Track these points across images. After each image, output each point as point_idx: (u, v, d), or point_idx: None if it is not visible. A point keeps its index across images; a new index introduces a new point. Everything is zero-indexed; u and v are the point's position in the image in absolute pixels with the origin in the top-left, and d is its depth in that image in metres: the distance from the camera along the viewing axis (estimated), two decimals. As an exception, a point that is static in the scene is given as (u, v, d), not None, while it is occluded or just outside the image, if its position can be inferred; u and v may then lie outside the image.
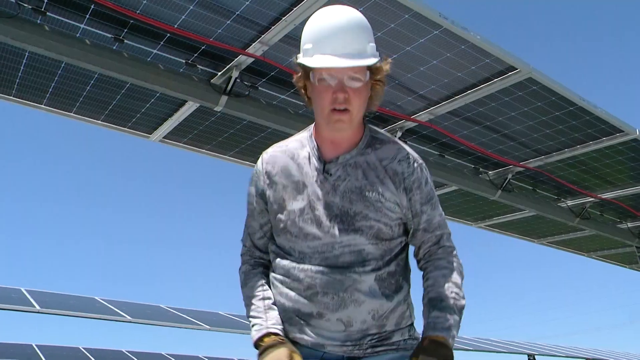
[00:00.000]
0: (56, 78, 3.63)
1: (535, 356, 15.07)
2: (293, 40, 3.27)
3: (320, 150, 1.78)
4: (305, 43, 1.68)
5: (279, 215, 1.77)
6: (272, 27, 3.18)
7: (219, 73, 3.59)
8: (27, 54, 3.35)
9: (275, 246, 1.83)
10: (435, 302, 1.70)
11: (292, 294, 1.75)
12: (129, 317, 7.66)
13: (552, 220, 6.28)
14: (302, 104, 3.94)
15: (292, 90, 3.79)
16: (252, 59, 3.43)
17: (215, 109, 3.61)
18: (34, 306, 7.32)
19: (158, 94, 3.83)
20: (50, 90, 3.75)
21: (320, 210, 1.74)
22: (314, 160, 1.77)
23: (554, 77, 3.73)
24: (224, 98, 3.55)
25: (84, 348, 16.01)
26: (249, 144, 4.54)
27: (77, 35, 3.21)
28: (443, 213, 1.88)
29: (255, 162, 5.05)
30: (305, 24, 1.69)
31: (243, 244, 1.97)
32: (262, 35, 3.25)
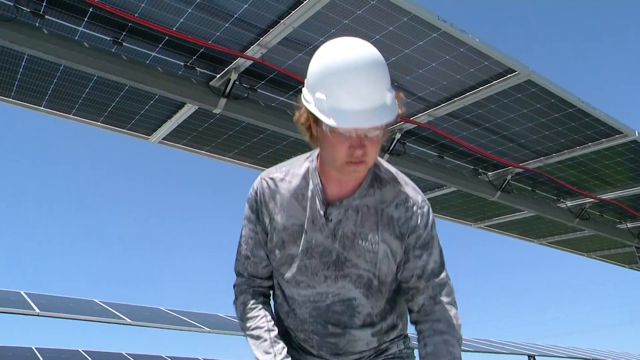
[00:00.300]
0: (55, 80, 3.63)
1: (535, 357, 15.07)
2: (292, 42, 3.27)
3: (324, 189, 1.66)
4: (316, 90, 1.46)
5: (275, 255, 1.73)
6: (271, 30, 3.17)
7: (218, 75, 3.59)
8: (25, 56, 3.35)
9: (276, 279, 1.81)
10: None
11: (291, 333, 1.84)
12: (128, 320, 7.66)
13: (551, 220, 6.29)
14: (301, 106, 3.94)
15: (290, 93, 3.79)
16: (251, 62, 3.43)
17: (214, 111, 3.62)
18: (33, 309, 7.31)
19: (157, 96, 3.83)
20: (50, 92, 3.75)
21: (317, 258, 1.69)
22: (317, 202, 1.66)
23: (552, 79, 3.73)
24: (223, 100, 3.55)
25: (83, 351, 16.00)
26: (248, 145, 4.54)
27: (76, 38, 3.21)
28: (443, 263, 1.72)
29: (254, 164, 5.00)
30: (303, 25, 1.57)
31: (238, 273, 1.83)
32: (261, 38, 3.24)
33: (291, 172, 1.72)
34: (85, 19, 3.08)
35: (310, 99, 1.49)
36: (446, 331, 1.64)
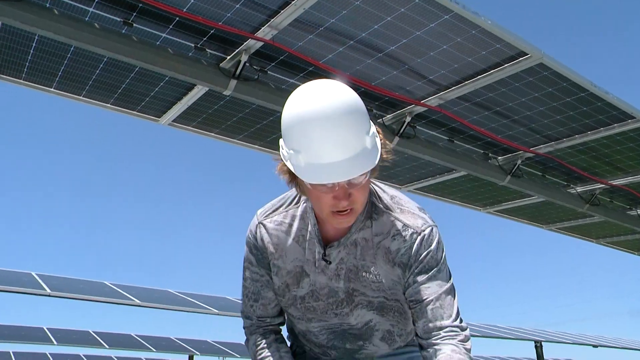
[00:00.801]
0: (65, 61, 3.63)
1: (542, 342, 15.09)
2: (302, 24, 3.25)
3: (320, 230, 1.61)
4: (291, 144, 1.36)
5: (282, 297, 1.71)
6: (282, 11, 3.16)
7: (228, 57, 3.58)
8: (36, 37, 3.35)
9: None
10: None
11: (306, 346, 1.88)
12: (137, 301, 7.73)
13: (561, 206, 6.26)
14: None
15: (301, 75, 3.78)
16: (262, 43, 3.41)
17: (224, 92, 3.61)
18: (44, 289, 7.39)
19: (167, 78, 3.83)
20: (60, 73, 3.75)
21: (323, 299, 1.66)
22: (316, 244, 1.61)
23: (565, 63, 3.70)
24: (233, 82, 3.55)
25: (93, 332, 16.19)
26: (258, 127, 4.53)
27: (86, 18, 3.20)
28: (450, 289, 1.60)
29: (263, 147, 5.00)
30: (314, 6, 1.50)
31: (247, 316, 1.78)
32: (272, 19, 3.23)
33: (290, 213, 1.65)
34: (96, 0, 3.07)
35: (286, 154, 1.40)
36: (449, 355, 1.53)
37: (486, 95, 3.99)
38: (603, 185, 5.73)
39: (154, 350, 14.97)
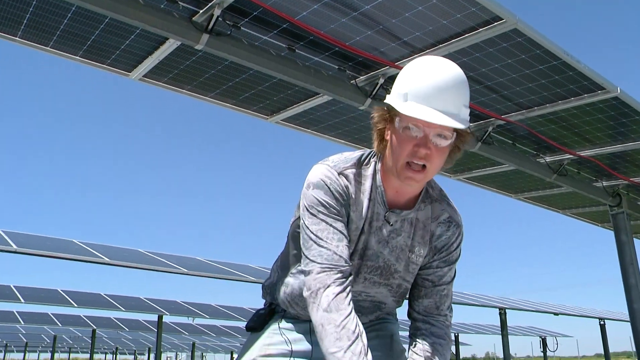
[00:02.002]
0: (31, 9, 3.52)
1: (506, 310, 15.49)
2: (277, -22, 3.19)
3: (385, 194, 1.74)
4: (401, 87, 1.60)
5: None
6: (256, -36, 3.09)
7: (201, 11, 3.50)
8: (0, -19, 3.23)
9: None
10: None
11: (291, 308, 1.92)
12: (106, 259, 7.70)
13: (530, 175, 6.36)
14: (284, 45, 3.88)
15: (274, 32, 3.73)
16: (235, -3, 3.35)
17: (196, 47, 3.54)
18: (11, 245, 7.30)
19: (138, 30, 3.75)
20: (25, 22, 3.64)
21: (363, 259, 1.76)
22: (380, 206, 1.73)
23: (539, 30, 3.70)
24: (205, 36, 3.48)
25: (62, 290, 16.13)
26: (230, 85, 4.48)
27: (54, -37, 3.09)
28: (454, 280, 1.88)
29: (235, 105, 4.97)
30: None
31: (321, 268, 1.62)
32: (246, -28, 3.16)
33: (361, 172, 1.75)
34: (63, -57, 2.97)
35: (392, 94, 1.63)
36: (443, 337, 1.79)
37: (460, 60, 3.99)
38: (571, 156, 5.82)
39: (123, 309, 15.00)
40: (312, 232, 1.66)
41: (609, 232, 7.29)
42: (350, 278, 1.65)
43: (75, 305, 14.37)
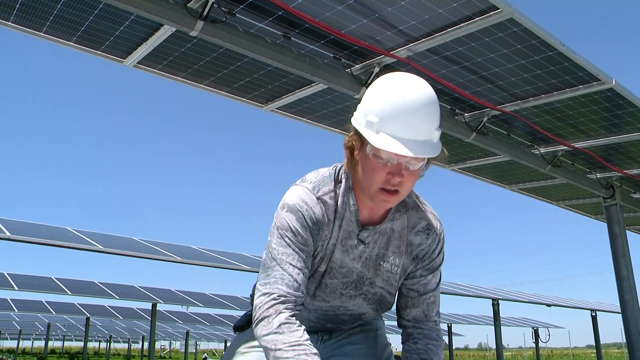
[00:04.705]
0: (25, -7, 3.49)
1: (499, 301, 15.57)
2: (273, -36, 3.17)
3: (358, 212, 1.71)
4: (370, 113, 1.54)
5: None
6: (252, -50, 3.07)
7: (196, -4, 3.48)
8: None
9: None
10: None
11: None
12: (100, 247, 7.68)
13: (524, 166, 6.37)
14: (280, 33, 3.86)
15: (270, 19, 3.71)
16: (230, -17, 3.33)
17: (191, 33, 3.52)
18: (4, 233, 7.28)
19: (133, 16, 3.72)
20: (17, 6, 3.60)
21: (339, 278, 1.76)
22: (352, 225, 1.71)
23: (535, 21, 3.69)
24: (200, 23, 3.46)
25: (56, 278, 16.11)
26: (225, 72, 4.46)
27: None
28: (440, 284, 1.88)
29: (230, 93, 4.94)
30: None
31: (279, 294, 1.60)
32: (241, -42, 3.14)
33: (335, 191, 1.72)
34: None
35: (361, 121, 1.57)
36: (435, 339, 1.82)
37: (455, 50, 3.98)
38: (565, 147, 5.83)
39: (117, 297, 15.00)
40: (278, 253, 1.65)
41: (602, 224, 7.32)
42: (300, 307, 1.65)
43: (69, 293, 14.37)
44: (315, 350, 1.54)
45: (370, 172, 1.56)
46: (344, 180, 1.72)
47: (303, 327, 1.59)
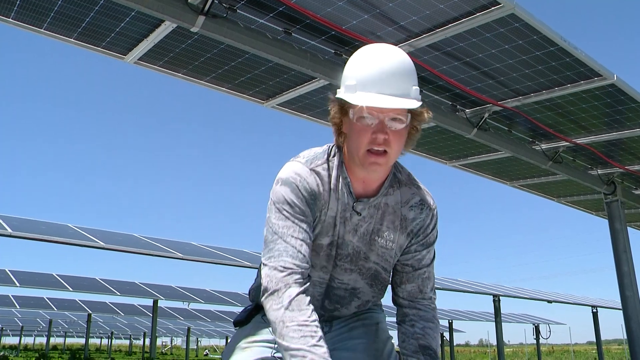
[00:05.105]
0: (25, -11, 3.48)
1: (500, 297, 15.58)
2: (273, -40, 3.16)
3: (351, 184, 1.75)
4: (349, 79, 1.63)
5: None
6: (252, -55, 3.06)
7: (196, -8, 3.48)
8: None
9: None
10: (428, 351, 1.78)
11: None
12: (101, 243, 7.69)
13: (525, 162, 6.36)
14: (281, 29, 3.86)
15: (270, 15, 3.70)
16: (231, -21, 3.32)
17: (192, 29, 3.52)
18: (6, 229, 7.28)
19: (133, 13, 3.71)
20: (18, 2, 3.60)
21: (339, 250, 1.79)
22: (347, 197, 1.74)
23: (537, 16, 3.68)
24: (201, 18, 3.45)
25: (57, 274, 16.13)
26: (226, 69, 4.45)
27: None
28: (434, 261, 1.89)
29: (231, 89, 4.94)
30: None
31: (285, 266, 1.62)
32: (242, -47, 3.13)
33: (329, 164, 1.76)
34: None
35: (341, 89, 1.65)
36: (432, 321, 1.83)
37: (456, 45, 3.98)
38: (567, 143, 5.83)
39: (119, 294, 15.03)
40: (279, 227, 1.66)
41: (604, 220, 7.32)
42: (308, 280, 1.66)
43: (71, 289, 14.39)
44: (321, 334, 1.54)
45: (357, 136, 1.62)
46: (336, 155, 1.77)
47: (312, 306, 1.59)
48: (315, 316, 1.57)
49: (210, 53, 4.22)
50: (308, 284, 1.64)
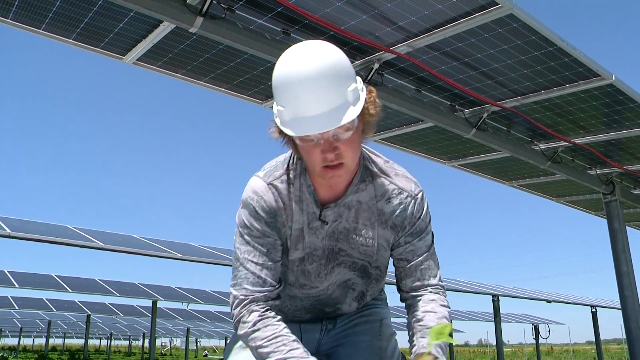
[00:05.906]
0: (24, -10, 3.48)
1: (499, 297, 15.59)
2: (272, -40, 3.16)
3: (316, 191, 1.66)
4: (278, 101, 1.47)
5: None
6: (251, -54, 3.06)
7: (195, -7, 3.48)
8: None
9: None
10: (426, 330, 1.68)
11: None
12: (101, 244, 7.69)
13: (524, 162, 6.37)
14: (279, 29, 3.86)
15: (269, 15, 3.71)
16: (229, -21, 3.32)
17: (190, 30, 3.52)
18: (5, 230, 7.28)
19: (132, 13, 3.71)
20: (17, 3, 3.60)
21: (317, 261, 1.73)
22: (312, 206, 1.66)
23: (535, 16, 3.69)
24: (200, 19, 3.46)
25: (56, 275, 16.12)
26: (224, 69, 4.46)
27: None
28: (432, 245, 1.78)
29: (230, 90, 4.93)
30: None
31: (245, 288, 1.65)
32: (240, -46, 3.13)
33: (290, 174, 1.68)
34: None
35: (276, 112, 1.49)
36: (433, 310, 1.72)
37: (455, 45, 3.98)
38: (565, 143, 5.83)
39: (118, 295, 15.02)
40: (240, 253, 1.67)
41: (603, 220, 7.33)
42: (275, 300, 1.67)
43: (70, 290, 14.39)
44: (293, 337, 1.58)
45: (307, 155, 1.51)
46: (298, 163, 1.68)
47: (279, 317, 1.63)
48: (283, 326, 1.60)
49: (209, 53, 4.23)
50: (272, 300, 1.66)
